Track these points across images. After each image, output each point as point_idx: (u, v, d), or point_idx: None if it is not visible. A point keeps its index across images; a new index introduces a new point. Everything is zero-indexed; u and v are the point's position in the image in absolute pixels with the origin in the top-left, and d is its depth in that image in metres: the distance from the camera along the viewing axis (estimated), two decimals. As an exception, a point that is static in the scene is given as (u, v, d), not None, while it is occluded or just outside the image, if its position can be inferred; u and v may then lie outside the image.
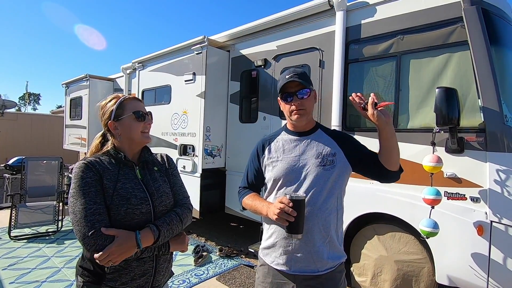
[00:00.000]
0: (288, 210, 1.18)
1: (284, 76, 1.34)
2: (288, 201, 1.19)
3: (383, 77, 2.77)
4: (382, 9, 2.75)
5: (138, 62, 5.28)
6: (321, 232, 1.29)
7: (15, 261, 3.49)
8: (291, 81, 1.31)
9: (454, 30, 2.35)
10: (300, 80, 1.30)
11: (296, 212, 1.18)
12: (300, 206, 1.20)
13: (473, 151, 2.22)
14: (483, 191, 2.17)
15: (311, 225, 1.28)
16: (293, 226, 1.21)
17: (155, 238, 1.15)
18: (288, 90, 1.33)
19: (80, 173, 1.13)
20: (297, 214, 1.19)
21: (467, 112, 2.29)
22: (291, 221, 1.19)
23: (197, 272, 3.38)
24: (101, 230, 1.06)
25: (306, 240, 1.28)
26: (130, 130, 1.24)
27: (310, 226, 1.28)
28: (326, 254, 1.29)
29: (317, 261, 1.29)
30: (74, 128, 7.55)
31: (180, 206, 1.31)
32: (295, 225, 1.21)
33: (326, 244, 1.30)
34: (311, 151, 1.35)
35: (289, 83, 1.31)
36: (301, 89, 1.32)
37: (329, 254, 1.30)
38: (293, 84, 1.31)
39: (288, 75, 1.32)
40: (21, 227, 4.34)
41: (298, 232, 1.22)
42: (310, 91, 1.34)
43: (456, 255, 2.26)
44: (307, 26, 3.33)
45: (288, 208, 1.18)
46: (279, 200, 1.22)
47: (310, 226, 1.27)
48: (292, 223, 1.20)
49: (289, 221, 1.19)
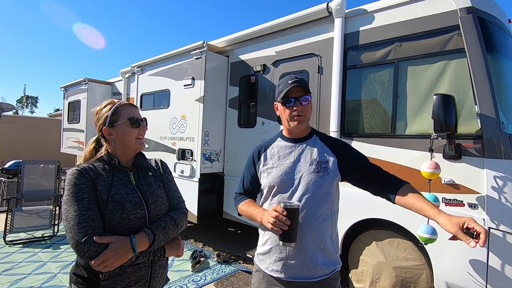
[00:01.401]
0: (282, 219, 1.17)
1: (286, 81, 1.33)
2: (282, 209, 1.19)
3: (381, 83, 2.79)
4: (380, 16, 2.78)
5: (137, 66, 5.29)
6: (315, 239, 1.28)
7: (10, 266, 3.45)
8: (294, 86, 1.30)
9: (451, 38, 2.38)
10: (303, 85, 1.31)
11: (290, 221, 1.18)
12: (294, 214, 1.19)
13: (471, 157, 2.23)
14: (480, 198, 2.18)
15: (305, 232, 1.27)
16: (286, 234, 1.20)
17: (150, 242, 1.14)
18: (291, 95, 1.32)
19: (73, 180, 1.12)
20: (291, 222, 1.18)
21: (464, 118, 2.31)
22: (285, 230, 1.19)
23: (195, 278, 3.35)
24: (94, 239, 1.05)
25: (300, 247, 1.27)
26: (125, 136, 1.24)
27: (304, 233, 1.27)
28: (320, 260, 1.29)
29: (311, 268, 1.28)
30: (71, 132, 7.54)
31: (175, 211, 1.30)
32: (288, 234, 1.20)
33: (320, 251, 1.29)
34: (305, 158, 1.35)
35: (292, 88, 1.31)
36: (303, 95, 1.32)
37: (323, 260, 1.30)
38: (296, 89, 1.31)
39: (291, 80, 1.31)
40: (17, 231, 4.29)
41: (292, 241, 1.22)
42: (311, 98, 1.35)
43: (454, 262, 2.26)
44: (306, 32, 3.36)
45: (282, 217, 1.17)
46: (273, 208, 1.21)
47: (304, 233, 1.27)
48: (286, 231, 1.19)
49: (283, 230, 1.19)
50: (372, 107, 2.86)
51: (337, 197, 1.39)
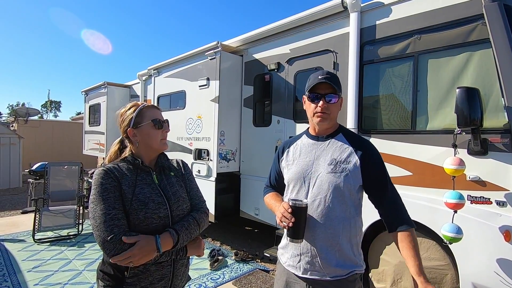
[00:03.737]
0: (287, 216, 1.18)
1: (316, 76, 1.29)
2: (288, 206, 1.20)
3: (399, 77, 2.71)
4: (398, 9, 2.70)
5: (153, 68, 5.41)
6: (329, 240, 1.24)
7: (39, 264, 3.62)
8: (322, 83, 1.27)
9: (475, 28, 2.27)
10: (332, 83, 1.27)
11: (294, 218, 1.18)
12: (300, 212, 1.19)
13: (498, 152, 2.12)
14: (509, 195, 2.07)
15: (317, 231, 1.25)
16: (292, 231, 1.21)
17: (174, 242, 1.17)
18: (317, 91, 1.29)
19: (99, 180, 1.16)
20: (296, 220, 1.18)
21: (490, 112, 2.20)
22: (290, 226, 1.19)
23: (213, 276, 3.40)
24: (123, 239, 1.09)
25: (312, 246, 1.26)
26: (149, 137, 1.28)
27: (317, 232, 1.25)
28: (334, 262, 1.25)
29: (324, 267, 1.25)
30: (92, 134, 7.79)
31: (197, 210, 1.33)
32: (294, 231, 1.21)
33: (335, 252, 1.25)
34: (325, 156, 1.31)
35: (320, 84, 1.27)
36: (330, 92, 1.28)
37: (338, 262, 1.25)
38: (324, 86, 1.28)
39: (321, 75, 1.28)
40: (44, 230, 4.51)
41: (298, 238, 1.22)
42: (339, 97, 1.31)
43: (482, 262, 2.16)
44: (321, 28, 3.31)
45: (287, 213, 1.18)
46: (282, 205, 1.24)
47: (317, 233, 1.25)
48: (292, 228, 1.20)
49: (289, 226, 1.19)
50: (391, 102, 2.78)
51: (358, 200, 1.31)
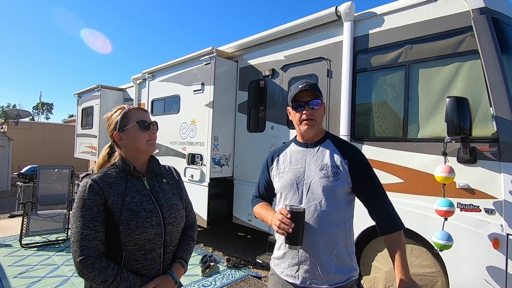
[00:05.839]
0: (286, 222, 1.19)
1: (297, 86, 1.34)
2: (287, 212, 1.20)
3: (391, 86, 2.76)
4: (390, 19, 2.76)
5: (148, 72, 5.39)
6: (327, 245, 1.27)
7: (26, 269, 3.53)
8: (304, 90, 1.32)
9: (464, 39, 2.33)
10: (313, 89, 1.32)
11: (294, 224, 1.19)
12: (298, 218, 1.20)
13: (487, 161, 2.17)
14: (498, 203, 2.10)
15: (316, 237, 1.26)
16: (291, 237, 1.21)
17: (185, 270, 1.28)
18: (300, 99, 1.34)
19: (81, 192, 1.12)
20: (295, 226, 1.19)
21: (479, 121, 2.25)
22: (289, 233, 1.19)
23: (205, 283, 3.35)
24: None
25: (312, 253, 1.27)
26: (135, 140, 1.23)
27: (316, 238, 1.26)
28: (333, 268, 1.27)
29: (324, 275, 1.26)
30: (85, 137, 7.71)
31: (191, 227, 1.39)
32: (293, 237, 1.21)
33: (333, 257, 1.27)
34: (316, 162, 1.34)
35: (302, 92, 1.32)
36: (313, 99, 1.33)
37: (336, 268, 1.27)
38: (305, 93, 1.33)
39: (301, 84, 1.33)
40: (32, 235, 4.40)
41: (297, 244, 1.23)
42: (321, 102, 1.35)
43: (471, 269, 2.18)
44: (315, 36, 3.36)
45: (286, 219, 1.19)
46: (279, 211, 1.24)
47: (315, 239, 1.26)
48: (291, 234, 1.20)
49: (288, 233, 1.20)
50: (383, 110, 2.82)
51: (351, 203, 1.37)
